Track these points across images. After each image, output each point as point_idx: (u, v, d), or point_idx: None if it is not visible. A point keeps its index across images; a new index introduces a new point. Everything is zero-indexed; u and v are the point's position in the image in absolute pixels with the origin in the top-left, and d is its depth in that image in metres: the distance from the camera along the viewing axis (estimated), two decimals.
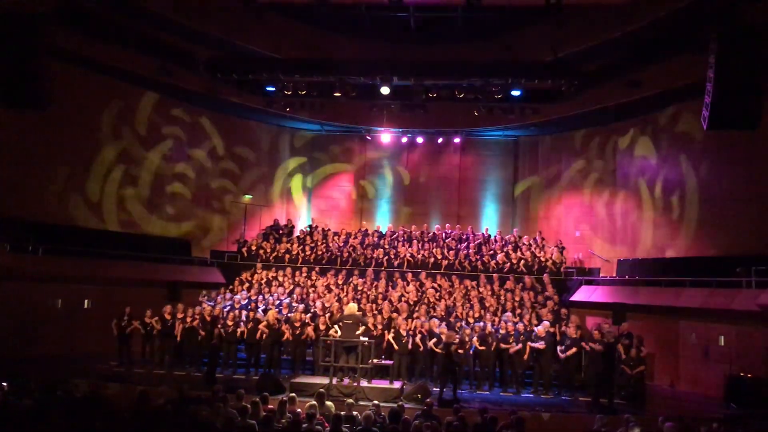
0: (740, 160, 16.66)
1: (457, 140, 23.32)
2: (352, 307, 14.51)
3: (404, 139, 23.45)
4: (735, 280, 14.41)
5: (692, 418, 11.06)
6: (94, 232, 18.34)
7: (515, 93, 19.45)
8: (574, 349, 14.37)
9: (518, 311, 16.53)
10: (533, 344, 14.56)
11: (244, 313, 16.19)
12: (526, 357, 14.61)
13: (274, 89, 20.03)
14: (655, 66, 17.35)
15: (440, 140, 23.46)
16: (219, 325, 15.06)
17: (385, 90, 19.10)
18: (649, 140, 19.80)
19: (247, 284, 18.63)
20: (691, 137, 18.18)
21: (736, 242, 16.53)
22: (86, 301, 17.42)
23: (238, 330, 15.48)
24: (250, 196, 23.18)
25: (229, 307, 16.20)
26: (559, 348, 14.49)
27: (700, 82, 11.76)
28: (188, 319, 15.56)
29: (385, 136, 23.10)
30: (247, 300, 17.34)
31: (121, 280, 17.56)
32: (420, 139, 23.46)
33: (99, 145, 19.06)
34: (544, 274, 18.95)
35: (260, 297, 17.42)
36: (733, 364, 14.37)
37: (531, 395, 14.41)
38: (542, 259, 19.86)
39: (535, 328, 14.94)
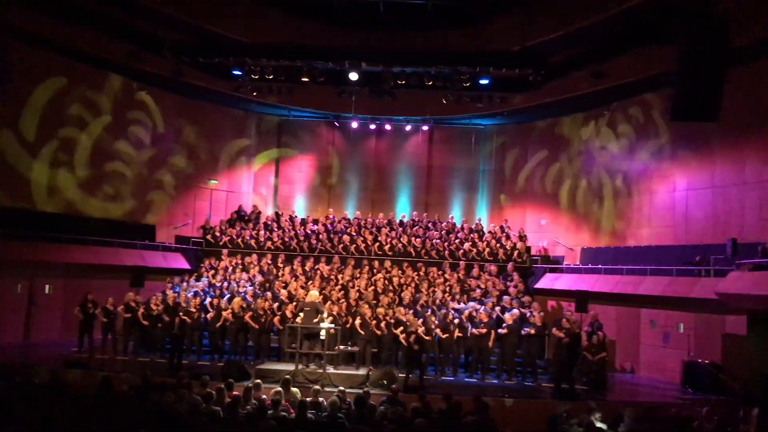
0: (701, 151, 17.00)
1: (425, 128, 23.35)
2: (313, 295, 14.52)
3: (372, 126, 23.41)
4: (694, 269, 14.72)
5: (651, 403, 11.33)
6: (52, 216, 17.90)
7: (483, 82, 19.52)
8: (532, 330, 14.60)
9: (483, 299, 16.66)
10: (500, 331, 14.72)
11: (208, 299, 16.06)
12: (491, 344, 14.75)
13: (240, 74, 19.78)
14: (621, 57, 17.55)
15: (408, 128, 23.46)
16: (183, 312, 14.91)
17: (353, 76, 19.01)
18: (612, 131, 20.06)
19: (212, 271, 18.45)
20: (654, 128, 18.48)
21: (695, 232, 16.90)
22: (47, 286, 17.08)
23: (203, 316, 15.36)
24: (215, 182, 22.93)
25: (193, 294, 16.03)
26: (525, 330, 14.67)
27: (665, 74, 11.93)
28: (152, 306, 15.39)
29: (353, 123, 23.02)
30: (211, 286, 17.20)
31: (83, 266, 17.24)
32: (388, 127, 23.44)
33: (57, 127, 18.57)
34: (509, 263, 19.14)
35: (225, 284, 17.29)
36: (690, 351, 14.73)
37: (495, 381, 14.57)
38: (507, 247, 20.06)
39: (504, 316, 15.07)
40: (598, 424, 9.44)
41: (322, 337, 13.99)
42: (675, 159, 17.84)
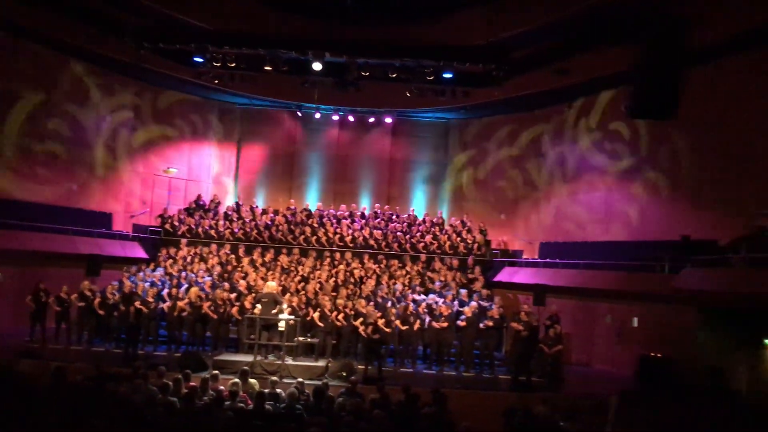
0: (658, 148, 17.35)
1: (388, 120, 23.34)
2: (271, 286, 14.44)
3: (336, 117, 23.29)
4: (650, 264, 15.04)
5: (606, 395, 11.53)
6: (4, 202, 17.40)
7: (447, 75, 19.56)
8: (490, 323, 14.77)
9: (443, 291, 16.76)
10: (459, 323, 14.84)
11: (166, 289, 15.84)
12: (450, 336, 14.86)
13: (203, 61, 19.46)
14: (584, 55, 17.76)
15: (372, 120, 23.42)
16: (140, 302, 14.67)
17: (317, 66, 18.85)
18: (575, 127, 20.34)
19: (170, 260, 18.19)
20: (614, 125, 18.78)
21: (651, 228, 17.26)
22: None
23: (160, 306, 15.15)
24: (174, 170, 22.57)
25: (150, 283, 15.79)
26: (483, 323, 14.81)
27: (626, 72, 12.14)
28: (108, 295, 15.12)
29: (317, 114, 22.90)
30: (169, 276, 16.96)
31: (37, 254, 16.79)
32: (351, 118, 23.35)
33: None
34: (470, 257, 19.30)
35: (183, 274, 17.07)
36: (645, 345, 15.05)
37: (453, 373, 14.69)
38: (468, 241, 20.22)
39: (464, 309, 15.18)
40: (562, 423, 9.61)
41: (281, 329, 13.92)
42: (633, 156, 18.17)
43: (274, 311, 13.86)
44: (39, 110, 18.66)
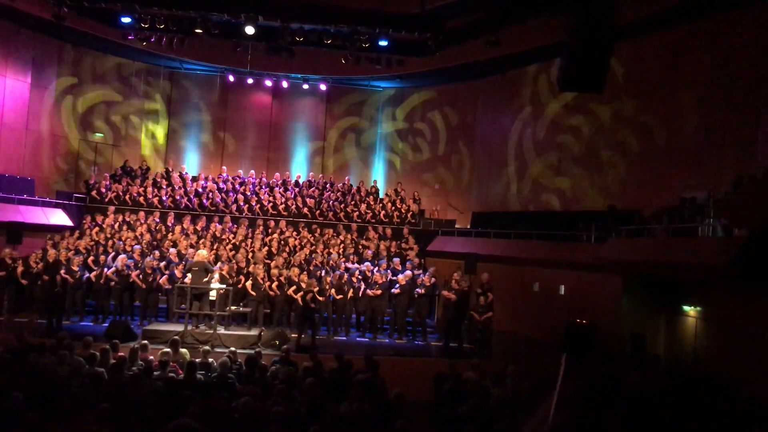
0: (585, 121, 17.80)
1: (323, 87, 23.10)
2: (201, 254, 14.23)
3: (269, 83, 22.87)
4: (576, 234, 15.49)
5: (533, 361, 11.91)
6: None
7: (382, 43, 19.43)
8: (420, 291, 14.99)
9: (377, 261, 16.87)
10: (394, 290, 14.99)
11: (92, 258, 15.38)
12: (384, 305, 15.02)
13: (130, 21, 18.69)
14: (517, 26, 17.94)
15: (306, 86, 23.12)
16: (64, 270, 14.20)
17: (249, 30, 18.39)
18: (508, 98, 20.62)
19: (96, 228, 17.63)
20: (546, 97, 19.13)
21: (578, 199, 17.78)
22: None
23: (85, 276, 14.72)
24: (101, 135, 21.78)
25: (75, 252, 15.29)
26: (416, 291, 15.01)
27: (557, 45, 12.33)
28: (32, 264, 14.57)
29: (249, 79, 22.43)
30: (95, 244, 16.46)
31: None
32: (285, 84, 22.99)
33: None
34: (405, 226, 19.45)
35: (111, 242, 16.59)
36: (571, 312, 15.55)
37: (386, 340, 14.87)
38: (402, 210, 20.36)
39: (397, 277, 15.33)
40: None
41: (212, 298, 13.76)
42: (561, 129, 18.58)
43: (205, 280, 13.67)
44: None
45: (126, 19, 18.43)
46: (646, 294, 14.28)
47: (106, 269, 14.78)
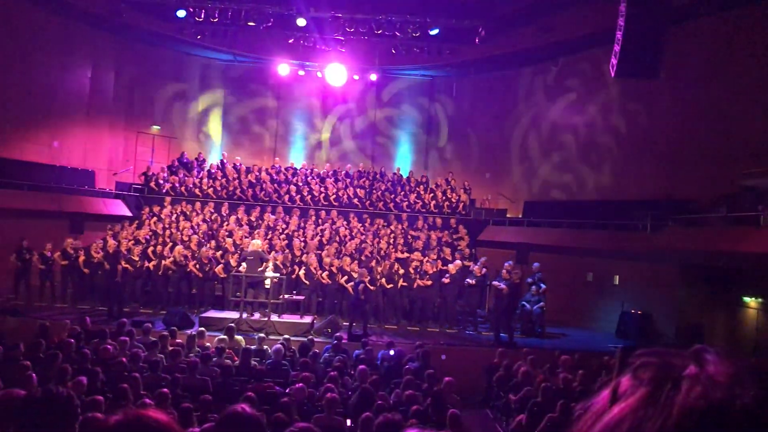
0: (642, 107, 17.37)
1: (373, 77, 23.13)
2: (255, 244, 14.44)
3: (320, 74, 23.01)
4: (631, 223, 15.19)
5: (586, 351, 11.78)
6: None
7: (433, 32, 19.36)
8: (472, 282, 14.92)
9: (427, 251, 16.87)
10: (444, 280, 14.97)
11: (150, 247, 15.81)
12: (434, 294, 15.03)
13: (185, 15, 19.09)
14: (569, 12, 17.63)
15: (356, 76, 23.17)
16: (124, 260, 14.64)
17: (301, 21, 18.57)
18: (560, 85, 20.28)
19: (154, 218, 18.10)
20: (598, 84, 18.74)
21: (633, 187, 17.39)
22: None
23: (145, 264, 15.15)
24: (158, 127, 22.32)
25: (134, 241, 15.74)
26: (466, 281, 14.96)
27: (610, 30, 12.07)
28: (93, 253, 15.06)
29: (300, 70, 22.62)
30: (153, 234, 16.91)
31: (19, 211, 16.63)
32: (337, 75, 23.06)
33: None
34: (455, 216, 19.38)
35: (168, 232, 17.01)
36: (625, 302, 15.30)
37: (437, 330, 14.88)
38: (452, 200, 20.28)
39: (447, 267, 15.31)
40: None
41: (267, 286, 14.00)
42: (617, 115, 18.19)
43: (259, 269, 13.91)
44: (18, 66, 18.28)
45: (181, 13, 18.81)
46: (704, 284, 13.95)
47: (164, 259, 15.15)
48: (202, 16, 18.73)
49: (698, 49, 15.45)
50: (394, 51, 19.93)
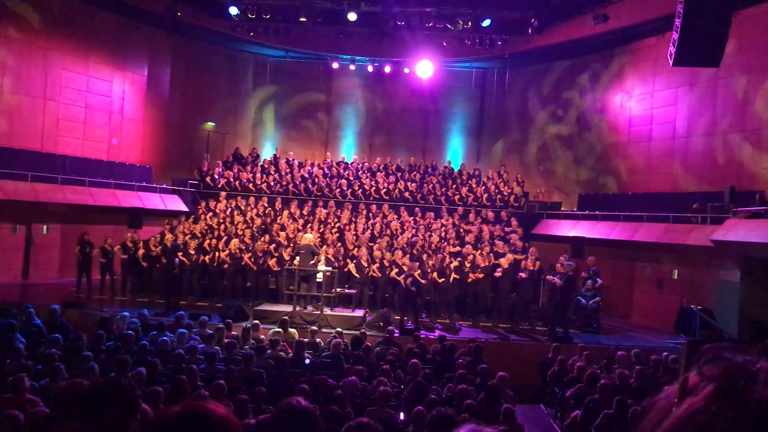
0: (701, 97, 16.85)
1: (425, 70, 22.99)
2: (308, 237, 14.55)
3: (370, 68, 23.05)
4: (690, 216, 14.77)
5: (643, 347, 11.52)
6: (50, 156, 17.75)
7: (485, 23, 19.15)
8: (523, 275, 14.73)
9: (479, 244, 16.72)
10: (496, 274, 14.82)
11: (206, 241, 16.11)
12: (486, 288, 14.91)
13: (237, 12, 19.36)
14: (625, 0, 17.22)
15: (407, 70, 23.13)
16: (181, 253, 14.96)
17: (352, 16, 18.62)
18: (615, 75, 19.84)
19: (209, 213, 18.45)
20: (656, 73, 18.26)
21: (692, 178, 16.90)
22: (45, 227, 17.09)
23: (201, 258, 15.44)
24: (212, 124, 22.73)
25: (190, 235, 16.08)
26: (519, 275, 14.79)
27: (668, 18, 11.74)
28: (151, 247, 15.44)
29: (351, 65, 22.70)
30: (209, 228, 17.22)
31: (80, 207, 17.19)
32: (387, 68, 23.10)
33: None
34: (509, 208, 19.16)
35: (223, 226, 17.31)
36: (684, 297, 14.89)
37: (489, 324, 14.76)
38: (505, 193, 20.06)
39: (500, 260, 15.16)
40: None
41: (319, 280, 14.11)
42: (676, 105, 17.69)
43: (312, 262, 14.02)
44: (78, 65, 18.87)
45: (233, 10, 19.07)
46: (767, 278, 13.46)
47: (219, 252, 15.43)
48: (255, 13, 18.96)
49: (764, 35, 14.86)
50: (445, 43, 19.78)
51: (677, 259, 15.64)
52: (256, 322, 11.47)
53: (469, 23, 18.61)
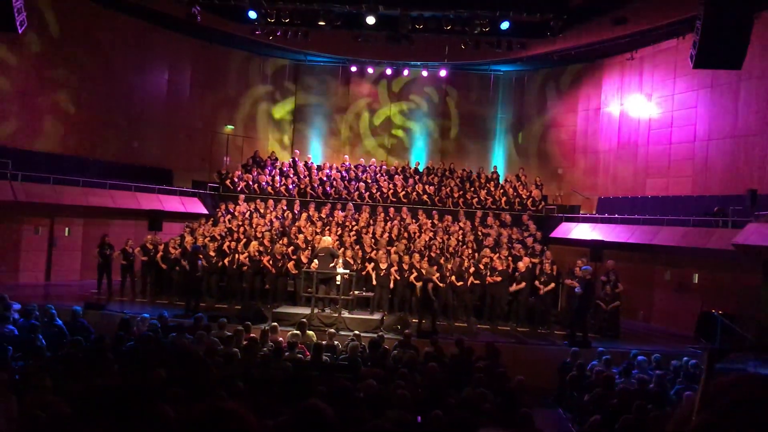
0: (722, 99, 16.67)
1: (442, 74, 23.01)
2: (327, 240, 14.58)
3: (389, 71, 23.09)
4: (711, 220, 14.62)
5: (663, 352, 11.41)
6: (70, 159, 18.00)
7: (503, 26, 19.09)
8: (552, 285, 14.65)
9: (497, 248, 16.67)
10: (517, 286, 14.74)
11: (225, 243, 16.21)
12: (504, 291, 14.86)
13: (256, 16, 19.47)
14: (644, 2, 17.10)
15: (425, 73, 23.14)
16: (201, 256, 15.06)
17: (370, 20, 18.65)
18: (634, 78, 19.70)
19: (229, 216, 18.57)
20: (675, 76, 18.11)
21: (713, 182, 16.73)
22: (66, 229, 17.30)
23: (220, 260, 15.54)
24: (232, 127, 22.90)
25: (210, 238, 16.19)
26: (537, 282, 14.73)
27: (689, 20, 11.64)
28: (171, 249, 15.57)
29: (369, 68, 22.75)
30: (228, 231, 17.33)
31: (101, 209, 17.39)
32: (405, 72, 23.13)
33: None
34: (526, 212, 19.08)
35: (242, 228, 17.40)
36: (705, 301, 14.73)
37: (507, 328, 14.71)
38: (523, 196, 19.98)
39: (517, 264, 15.11)
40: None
41: (338, 282, 14.15)
42: (695, 107, 17.52)
43: (331, 265, 14.04)
44: (100, 70, 19.13)
45: (253, 15, 19.19)
46: None
47: (239, 254, 15.52)
48: (274, 17, 19.06)
49: None
50: (463, 46, 19.75)
51: (698, 263, 15.47)
52: (275, 324, 11.51)
53: (488, 26, 18.55)
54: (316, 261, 14.32)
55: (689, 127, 17.72)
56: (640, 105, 19.50)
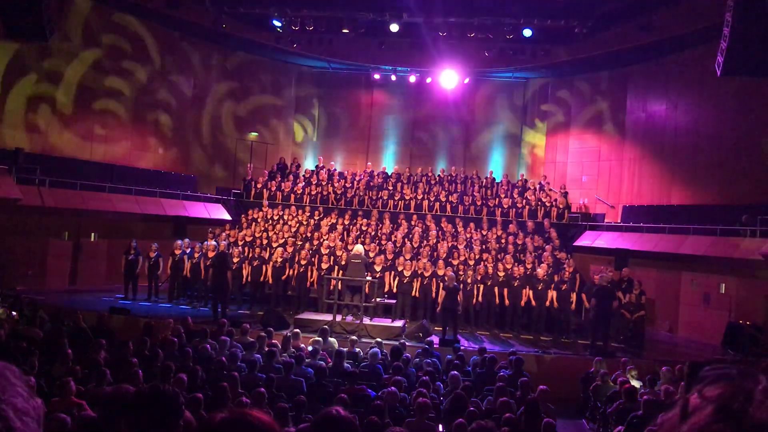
0: (749, 107, 16.43)
1: (466, 81, 22.96)
2: (359, 248, 14.52)
3: (412, 79, 23.08)
4: (738, 229, 14.41)
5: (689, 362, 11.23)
6: (97, 165, 18.24)
7: (527, 33, 19.03)
8: (574, 294, 14.54)
9: (520, 255, 16.56)
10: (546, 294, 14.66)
11: (249, 250, 16.30)
12: (522, 303, 14.78)
13: (281, 24, 19.63)
14: (671, 9, 16.95)
15: (448, 80, 23.08)
16: (228, 262, 15.14)
17: (394, 27, 18.71)
18: (660, 85, 19.51)
19: (253, 222, 18.68)
20: (702, 83, 17.88)
21: (741, 190, 16.46)
22: (93, 235, 17.51)
23: (243, 266, 15.62)
24: (256, 134, 23.06)
25: (234, 244, 16.30)
26: (556, 290, 14.62)
27: (716, 27, 11.51)
28: (195, 255, 15.70)
29: (393, 76, 22.79)
30: (252, 237, 17.42)
31: (127, 215, 17.58)
32: (429, 79, 23.12)
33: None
34: (545, 219, 18.93)
35: (265, 235, 17.49)
36: (732, 312, 14.51)
37: (530, 337, 14.60)
38: (547, 203, 19.84)
39: (536, 271, 15.02)
40: (633, 382, 9.46)
41: (366, 291, 14.09)
42: (722, 115, 17.28)
43: (365, 273, 13.93)
44: (127, 77, 19.42)
45: (277, 23, 19.35)
46: None
47: (262, 261, 15.60)
48: (298, 25, 19.20)
49: None
50: (486, 53, 19.72)
51: (725, 272, 15.24)
52: (297, 330, 11.54)
53: (512, 34, 18.52)
54: (337, 268, 14.31)
55: (716, 135, 17.47)
56: (666, 113, 19.29)
